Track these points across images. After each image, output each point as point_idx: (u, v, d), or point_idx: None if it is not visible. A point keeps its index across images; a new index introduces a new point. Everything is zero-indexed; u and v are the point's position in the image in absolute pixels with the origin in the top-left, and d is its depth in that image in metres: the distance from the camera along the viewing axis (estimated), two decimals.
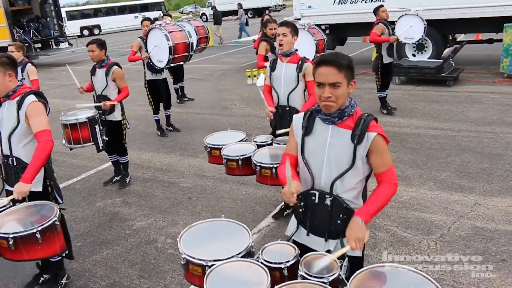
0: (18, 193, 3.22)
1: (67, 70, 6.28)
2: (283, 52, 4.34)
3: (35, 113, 3.39)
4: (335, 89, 2.25)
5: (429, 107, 8.29)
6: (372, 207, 2.32)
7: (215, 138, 4.57)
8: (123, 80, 5.68)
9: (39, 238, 2.97)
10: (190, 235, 2.62)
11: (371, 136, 2.29)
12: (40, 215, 3.19)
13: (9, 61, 3.45)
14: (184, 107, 10.21)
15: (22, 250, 2.99)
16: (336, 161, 2.35)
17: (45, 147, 3.33)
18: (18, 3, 21.78)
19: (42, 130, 3.36)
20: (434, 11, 10.52)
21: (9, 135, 3.45)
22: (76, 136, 5.26)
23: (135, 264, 4.22)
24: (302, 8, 12.89)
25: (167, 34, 6.83)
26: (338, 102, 2.29)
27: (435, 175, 5.45)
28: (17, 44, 6.85)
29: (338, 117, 2.34)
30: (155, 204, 5.42)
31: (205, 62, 16.71)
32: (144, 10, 47.93)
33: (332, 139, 2.36)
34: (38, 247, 3.01)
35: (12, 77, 3.44)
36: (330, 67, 2.24)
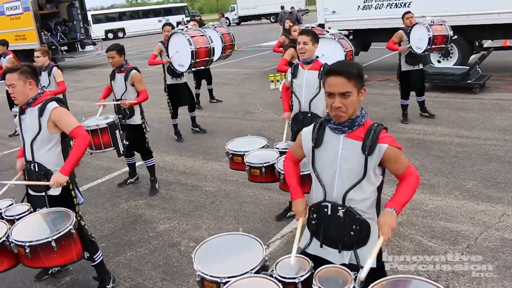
0: (55, 182, 3.34)
1: (92, 73, 6.38)
2: (304, 60, 4.40)
3: (61, 116, 3.48)
4: (345, 99, 2.25)
5: (455, 115, 8.17)
6: (402, 197, 2.35)
7: (236, 144, 4.59)
8: (142, 84, 5.73)
9: (54, 247, 3.05)
10: (204, 251, 2.61)
11: (383, 148, 2.29)
12: (57, 222, 3.26)
13: (30, 69, 3.52)
14: (207, 111, 10.28)
15: (39, 257, 3.07)
16: (348, 173, 2.35)
17: (84, 140, 3.44)
18: (46, 7, 22.29)
19: (75, 127, 3.47)
20: (460, 17, 10.38)
21: (31, 141, 3.52)
22: (97, 142, 5.35)
23: (158, 267, 4.26)
24: (326, 13, 12.86)
25: (190, 39, 6.88)
26: (348, 112, 2.29)
27: (461, 184, 5.36)
28: (42, 49, 7.01)
29: (349, 127, 2.34)
30: (178, 207, 5.46)
31: (228, 66, 16.78)
32: (168, 14, 48.51)
33: (343, 151, 2.36)
34: (54, 255, 3.09)
35: (33, 85, 3.49)
36: (340, 77, 2.24)
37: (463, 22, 10.38)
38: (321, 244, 2.51)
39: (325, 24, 12.85)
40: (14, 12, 20.76)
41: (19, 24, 20.67)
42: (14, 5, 20.64)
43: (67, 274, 4.25)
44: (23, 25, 20.46)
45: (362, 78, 2.32)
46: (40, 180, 3.50)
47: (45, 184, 3.44)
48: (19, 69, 3.44)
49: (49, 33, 21.19)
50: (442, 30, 7.73)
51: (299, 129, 4.51)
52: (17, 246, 3.07)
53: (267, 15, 45.23)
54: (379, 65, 14.34)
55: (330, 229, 2.45)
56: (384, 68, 13.35)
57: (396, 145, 2.33)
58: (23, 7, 20.17)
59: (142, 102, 5.77)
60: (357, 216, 2.37)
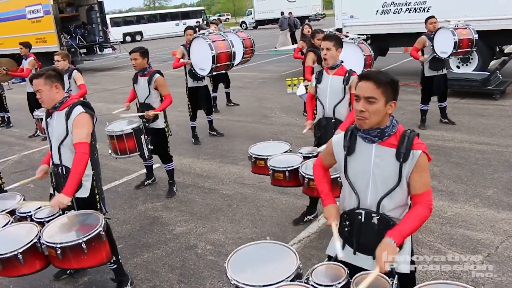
0: (56, 202, 3.31)
1: (110, 75, 6.49)
2: (328, 66, 4.37)
3: (79, 124, 3.49)
4: (370, 104, 2.24)
5: (474, 121, 8.06)
6: (405, 228, 2.29)
7: (259, 148, 4.59)
8: (166, 88, 5.68)
9: (84, 248, 3.11)
10: (237, 259, 2.61)
11: (417, 154, 2.26)
12: (86, 224, 3.32)
13: (56, 73, 3.58)
14: (224, 114, 10.32)
15: (69, 259, 3.12)
16: (382, 180, 2.34)
17: (81, 159, 3.41)
18: (66, 10, 22.64)
19: (80, 142, 3.45)
20: (481, 22, 10.24)
21: (59, 145, 3.58)
22: (122, 147, 5.40)
23: (175, 269, 4.27)
24: (344, 17, 12.82)
25: (211, 44, 6.92)
26: (371, 119, 2.26)
27: (481, 192, 5.28)
28: (62, 53, 7.13)
29: (378, 137, 2.32)
30: (196, 210, 5.47)
31: (245, 70, 16.82)
32: (185, 18, 48.88)
33: (376, 158, 2.34)
34: (84, 256, 3.14)
35: (59, 89, 3.55)
36: (369, 81, 2.25)
37: (484, 27, 10.23)
38: (355, 251, 2.50)
39: (343, 29, 12.81)
40: (35, 15, 21.11)
41: (39, 27, 21.01)
42: (35, 8, 20.98)
43: (85, 274, 4.29)
44: (43, 28, 20.78)
45: (394, 91, 2.29)
46: None
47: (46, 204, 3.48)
48: (45, 74, 3.49)
49: (68, 36, 21.53)
50: (467, 34, 7.64)
51: (322, 134, 4.50)
52: (48, 248, 3.13)
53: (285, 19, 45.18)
54: (397, 70, 14.23)
55: (364, 236, 2.45)
56: (402, 73, 13.23)
57: (428, 154, 2.31)
58: (44, 11, 20.50)
59: (167, 106, 5.74)
60: (391, 223, 2.36)
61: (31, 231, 3.29)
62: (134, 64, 5.61)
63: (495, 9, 10.14)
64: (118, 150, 5.40)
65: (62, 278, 4.21)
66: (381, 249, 2.24)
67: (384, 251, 2.22)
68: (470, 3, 10.40)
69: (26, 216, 3.77)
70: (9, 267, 3.14)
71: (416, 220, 2.30)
